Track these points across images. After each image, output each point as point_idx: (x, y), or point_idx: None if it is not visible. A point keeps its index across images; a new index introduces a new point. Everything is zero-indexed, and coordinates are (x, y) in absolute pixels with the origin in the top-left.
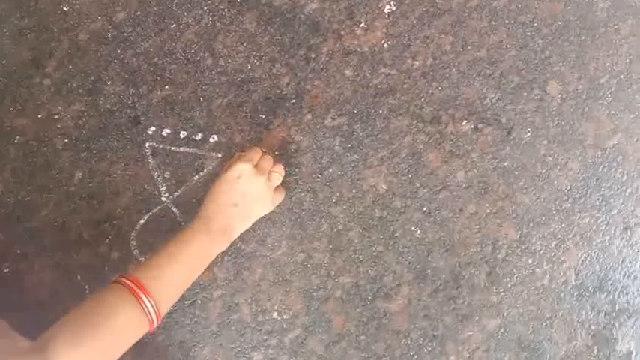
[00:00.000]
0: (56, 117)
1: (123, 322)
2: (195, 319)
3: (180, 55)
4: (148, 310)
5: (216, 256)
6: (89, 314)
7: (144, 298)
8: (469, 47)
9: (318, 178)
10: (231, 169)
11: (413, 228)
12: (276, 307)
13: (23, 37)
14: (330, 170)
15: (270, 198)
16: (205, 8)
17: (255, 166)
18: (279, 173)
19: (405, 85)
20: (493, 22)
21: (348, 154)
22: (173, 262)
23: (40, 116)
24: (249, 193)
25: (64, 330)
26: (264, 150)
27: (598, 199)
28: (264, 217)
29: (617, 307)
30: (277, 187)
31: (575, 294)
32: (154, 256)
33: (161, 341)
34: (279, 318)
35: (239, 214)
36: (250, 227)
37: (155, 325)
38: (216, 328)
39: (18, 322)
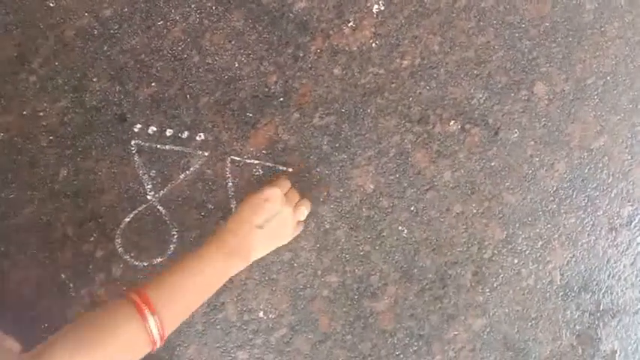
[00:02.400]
0: (41, 114)
1: (124, 340)
2: None
3: (167, 52)
4: (152, 331)
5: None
6: (91, 327)
7: (150, 318)
8: (457, 47)
9: (305, 177)
10: (261, 192)
11: (400, 227)
12: (262, 307)
13: (8, 33)
14: (318, 169)
15: (292, 228)
16: (193, 5)
17: (284, 195)
18: (305, 207)
19: (393, 85)
20: (481, 23)
21: (336, 153)
22: (186, 282)
23: (25, 113)
24: (274, 217)
25: (64, 340)
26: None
27: (584, 200)
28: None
29: (601, 307)
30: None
31: (561, 294)
32: (167, 272)
33: None
34: (265, 317)
35: (261, 237)
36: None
37: (158, 346)
38: (202, 327)
39: (1, 321)
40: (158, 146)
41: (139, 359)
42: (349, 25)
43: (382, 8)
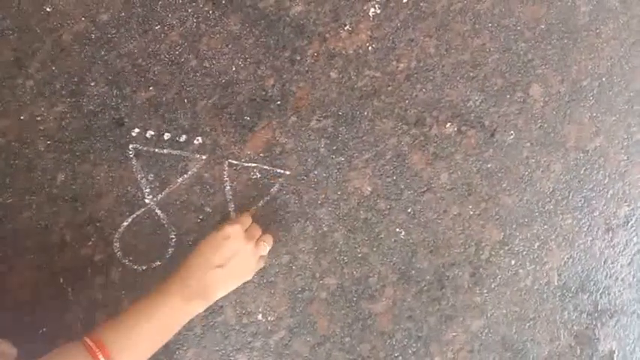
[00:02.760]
0: (39, 118)
1: None
2: None
3: (165, 56)
4: None
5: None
6: None
7: None
8: (453, 50)
9: (303, 179)
10: (222, 230)
11: (397, 229)
12: (260, 309)
13: (5, 38)
14: (315, 172)
15: (254, 265)
16: (190, 10)
17: (246, 231)
18: (267, 243)
19: (389, 88)
20: (477, 26)
21: (333, 156)
22: (143, 324)
23: (22, 117)
24: (235, 256)
25: None
26: (253, 220)
27: (580, 201)
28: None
29: (599, 308)
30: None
31: (558, 295)
32: (124, 315)
33: None
34: (264, 320)
35: (222, 277)
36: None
37: None
38: (200, 330)
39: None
40: (156, 150)
41: None
42: (346, 28)
43: (378, 11)
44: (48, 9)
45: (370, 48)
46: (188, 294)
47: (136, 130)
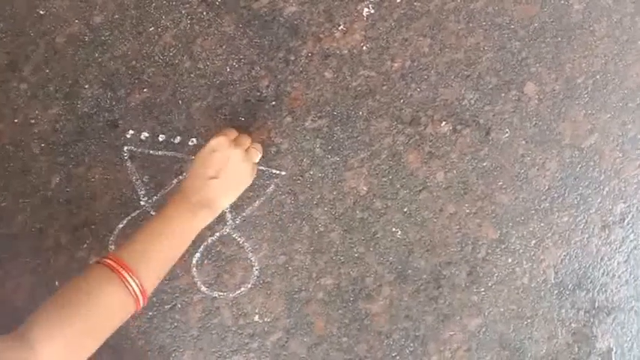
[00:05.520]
0: (33, 121)
1: (105, 302)
2: (176, 324)
3: (159, 58)
4: (132, 288)
5: (198, 258)
6: (70, 296)
7: (126, 275)
8: (447, 49)
9: (298, 180)
10: (207, 144)
11: (394, 229)
12: (257, 311)
13: None
14: (311, 172)
15: (249, 170)
16: (184, 11)
17: (233, 141)
18: (257, 150)
19: (384, 87)
20: (470, 25)
21: (329, 156)
22: (156, 239)
23: (16, 121)
24: (226, 164)
25: (44, 314)
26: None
27: (576, 198)
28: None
29: (596, 305)
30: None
31: (555, 292)
32: (136, 234)
33: (141, 346)
34: (261, 321)
35: (219, 187)
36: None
37: (141, 304)
38: (197, 332)
39: None
40: (151, 152)
41: (124, 320)
42: (340, 28)
43: (372, 11)
44: (41, 12)
45: (364, 48)
46: (193, 208)
47: (131, 131)
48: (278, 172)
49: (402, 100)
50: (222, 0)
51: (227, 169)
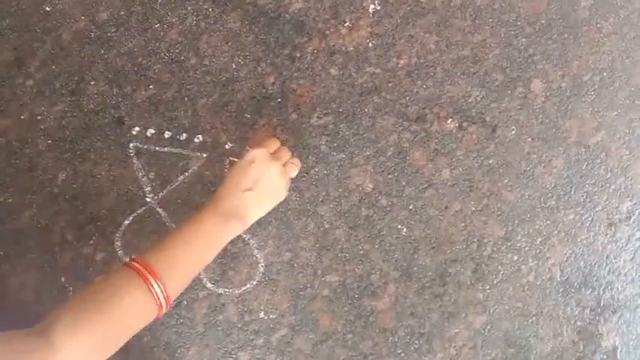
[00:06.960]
0: (39, 118)
1: (129, 305)
2: (181, 320)
3: (165, 54)
4: (156, 293)
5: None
6: (94, 296)
7: (152, 281)
8: (453, 46)
9: (304, 177)
10: (247, 155)
11: (399, 226)
12: (262, 307)
13: (5, 38)
14: (316, 169)
15: (285, 185)
16: (189, 8)
17: (272, 154)
18: (295, 165)
19: (390, 84)
20: (477, 21)
21: (334, 153)
22: (184, 245)
23: (22, 117)
24: (263, 177)
25: (67, 312)
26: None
27: (582, 196)
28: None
29: (602, 303)
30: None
31: (561, 290)
32: (166, 239)
33: (147, 342)
34: (266, 318)
35: (253, 199)
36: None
37: (164, 310)
38: (203, 328)
39: (1, 325)
40: (156, 148)
41: (144, 325)
42: (345, 25)
43: (378, 8)
44: (47, 8)
45: (370, 44)
46: (225, 218)
47: (137, 128)
48: None
49: (407, 97)
50: None
51: (263, 182)
